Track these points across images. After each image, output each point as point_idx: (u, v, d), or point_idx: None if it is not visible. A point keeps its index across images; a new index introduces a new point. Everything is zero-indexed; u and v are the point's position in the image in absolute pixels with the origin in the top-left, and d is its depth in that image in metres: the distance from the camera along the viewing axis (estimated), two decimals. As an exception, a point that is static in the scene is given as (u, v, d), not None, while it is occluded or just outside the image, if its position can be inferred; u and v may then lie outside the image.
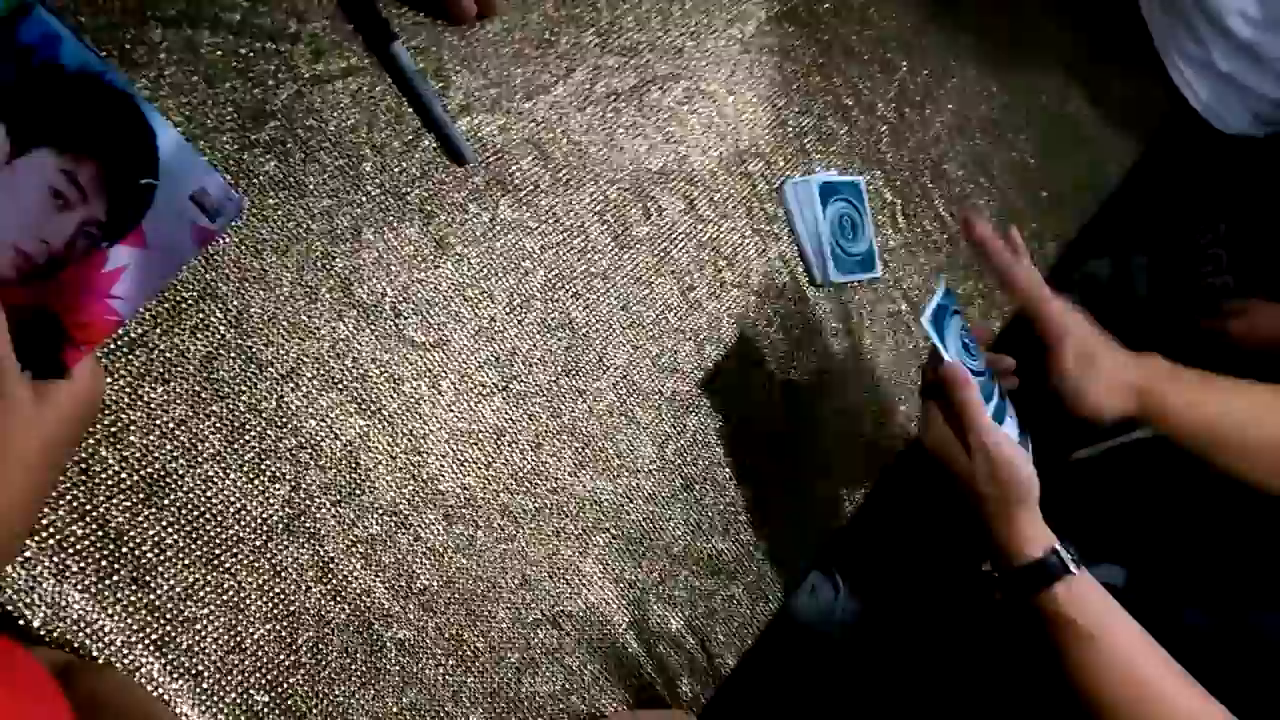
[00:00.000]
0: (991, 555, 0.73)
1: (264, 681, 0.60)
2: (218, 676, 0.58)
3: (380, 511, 0.65)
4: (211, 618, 0.58)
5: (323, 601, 0.62)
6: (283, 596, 0.61)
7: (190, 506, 0.58)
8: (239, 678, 0.59)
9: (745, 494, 0.85)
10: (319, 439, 0.64)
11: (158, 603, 0.57)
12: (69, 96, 0.47)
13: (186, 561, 0.58)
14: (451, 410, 0.70)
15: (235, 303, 0.61)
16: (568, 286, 0.77)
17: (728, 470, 0.85)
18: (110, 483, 0.56)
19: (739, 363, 0.87)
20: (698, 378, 0.84)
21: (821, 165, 0.96)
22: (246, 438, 0.61)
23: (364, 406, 0.66)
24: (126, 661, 0.55)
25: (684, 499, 0.82)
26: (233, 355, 0.61)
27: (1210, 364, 1.34)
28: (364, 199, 0.67)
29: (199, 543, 0.58)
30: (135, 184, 0.48)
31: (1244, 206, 1.37)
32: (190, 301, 0.60)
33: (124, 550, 0.56)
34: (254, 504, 0.60)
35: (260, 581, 0.60)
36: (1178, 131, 1.36)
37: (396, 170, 0.69)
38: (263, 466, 0.61)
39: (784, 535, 0.87)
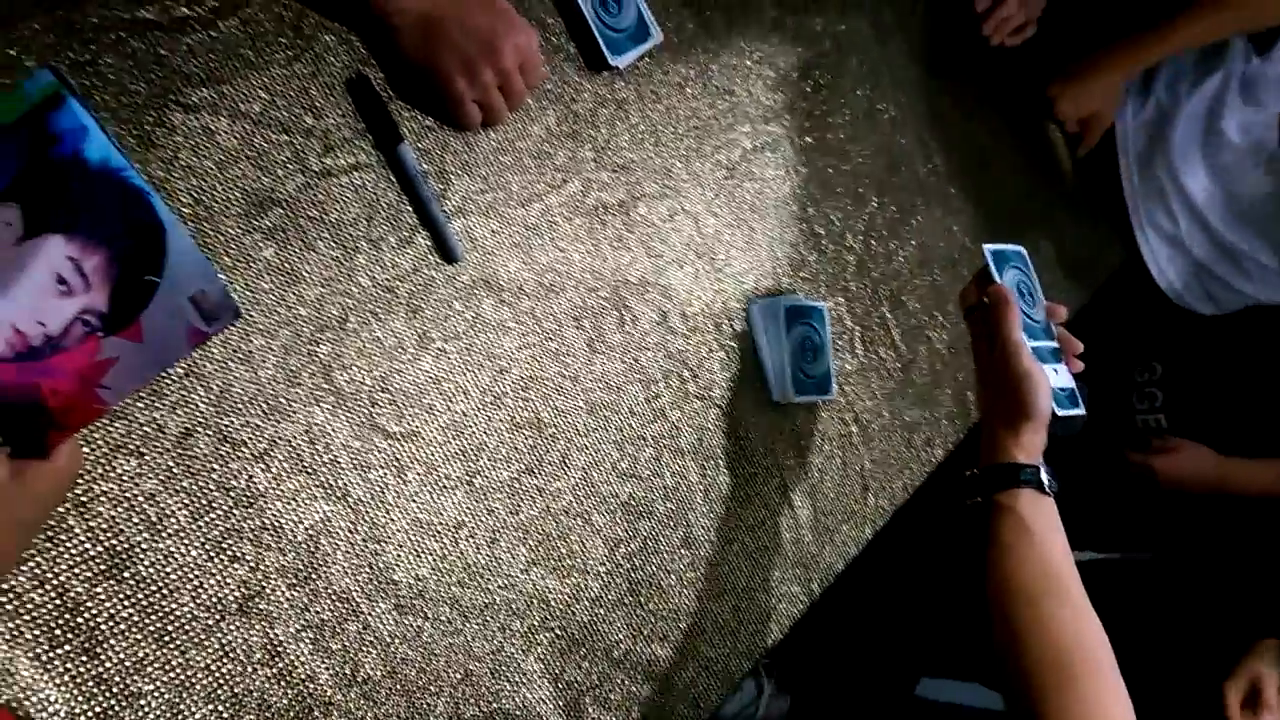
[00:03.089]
0: (981, 456, 0.79)
1: (199, 762, 0.60)
2: (154, 754, 0.58)
3: (333, 597, 0.66)
4: (156, 694, 0.58)
5: (267, 685, 0.62)
6: (229, 677, 0.61)
7: (149, 581, 0.59)
8: (175, 757, 0.59)
9: (688, 602, 0.87)
10: (282, 521, 0.65)
11: (105, 675, 0.57)
12: (87, 188, 0.49)
13: (138, 636, 0.58)
14: (414, 501, 0.71)
15: (218, 381, 0.63)
16: (539, 387, 0.80)
17: (674, 577, 0.87)
18: (74, 552, 0.56)
19: (695, 472, 0.90)
20: (654, 484, 0.86)
21: (789, 289, 1.01)
22: (212, 515, 0.62)
23: (330, 492, 0.67)
24: (65, 734, 0.55)
25: (629, 603, 0.83)
26: (209, 433, 0.62)
27: (1132, 497, 1.43)
28: (355, 290, 0.70)
29: (153, 618, 0.59)
30: (140, 279, 0.50)
31: (1182, 350, 1.45)
32: (174, 378, 0.61)
33: (79, 620, 0.56)
34: (211, 582, 0.61)
35: (208, 661, 0.60)
36: (1125, 278, 1.45)
37: (389, 264, 0.72)
38: (225, 545, 0.62)
39: (722, 645, 0.89)
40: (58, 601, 0.56)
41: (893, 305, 1.12)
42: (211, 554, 0.61)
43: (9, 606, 0.54)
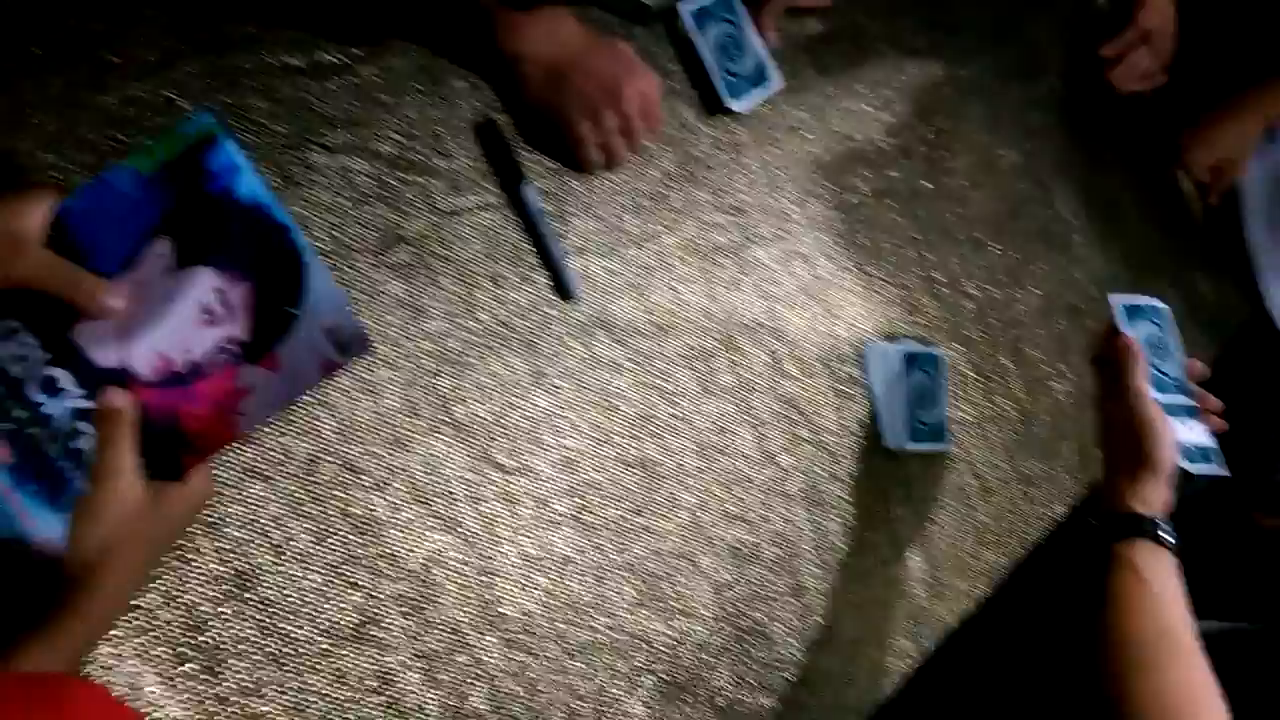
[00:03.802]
0: (1100, 503, 0.77)
1: (311, 785, 0.61)
2: (269, 774, 0.59)
3: (444, 628, 0.67)
4: (272, 716, 0.60)
5: (377, 713, 0.63)
6: (342, 703, 0.62)
7: (271, 603, 0.61)
8: (288, 778, 0.60)
9: (795, 653, 0.85)
10: (398, 550, 0.66)
11: (225, 695, 0.58)
12: (236, 223, 0.51)
13: (258, 657, 0.60)
14: (525, 535, 0.72)
15: (344, 410, 0.65)
16: (649, 426, 0.80)
17: (781, 626, 0.85)
18: (203, 573, 0.58)
19: (804, 519, 0.88)
20: (762, 529, 0.85)
21: (906, 335, 0.99)
22: (333, 541, 0.63)
23: (444, 522, 0.68)
24: (188, 748, 0.57)
25: (735, 650, 0.82)
26: (333, 460, 0.64)
27: (1263, 563, 1.33)
28: (475, 325, 0.71)
29: (272, 640, 0.60)
30: (280, 311, 0.52)
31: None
32: (303, 405, 0.63)
33: (203, 640, 0.58)
34: (329, 607, 0.63)
35: (323, 685, 0.62)
36: (1255, 335, 1.37)
37: (509, 301, 0.73)
38: (343, 571, 0.63)
39: (830, 699, 0.87)
40: (185, 620, 0.58)
41: (1013, 354, 1.08)
42: (330, 579, 0.63)
43: (139, 623, 0.56)
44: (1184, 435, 0.78)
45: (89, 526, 0.47)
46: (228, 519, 0.60)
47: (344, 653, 0.63)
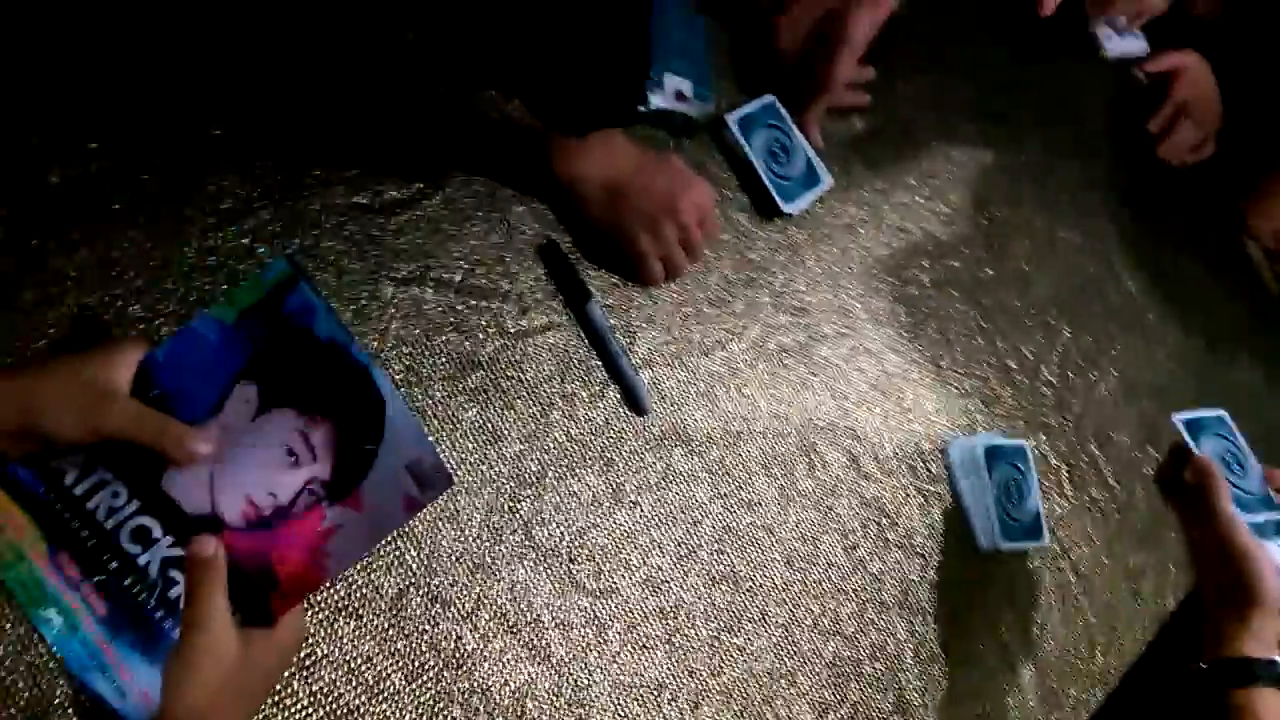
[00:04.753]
0: (1207, 647, 0.71)
1: None
2: None
3: (540, 767, 0.64)
4: None
5: None
6: None
7: (364, 748, 0.58)
8: None
9: (908, 775, 0.79)
10: (490, 683, 0.63)
11: None
12: (316, 364, 0.52)
13: (353, 807, 0.57)
14: (615, 661, 0.69)
15: (428, 542, 0.64)
16: (733, 539, 0.77)
17: (890, 747, 0.80)
18: (298, 717, 0.56)
19: (902, 629, 0.83)
20: (859, 642, 0.81)
21: (985, 427, 0.96)
22: (424, 678, 0.61)
23: (534, 652, 0.66)
24: None
25: (843, 775, 0.77)
26: (420, 593, 0.63)
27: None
28: (551, 445, 0.71)
29: (366, 788, 0.58)
30: (361, 449, 0.52)
31: None
32: (388, 539, 0.62)
33: (298, 790, 0.56)
34: (422, 750, 0.60)
35: (419, 835, 0.58)
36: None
37: (582, 419, 0.73)
38: (436, 709, 0.61)
39: (949, 826, 0.80)
40: (279, 770, 0.56)
41: (1100, 440, 1.04)
42: (425, 718, 0.60)
43: (234, 775, 0.54)
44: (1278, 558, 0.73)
45: (185, 677, 0.46)
46: (320, 660, 0.58)
47: (438, 799, 0.60)
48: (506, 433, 0.69)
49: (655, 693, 0.70)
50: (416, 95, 0.73)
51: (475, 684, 0.63)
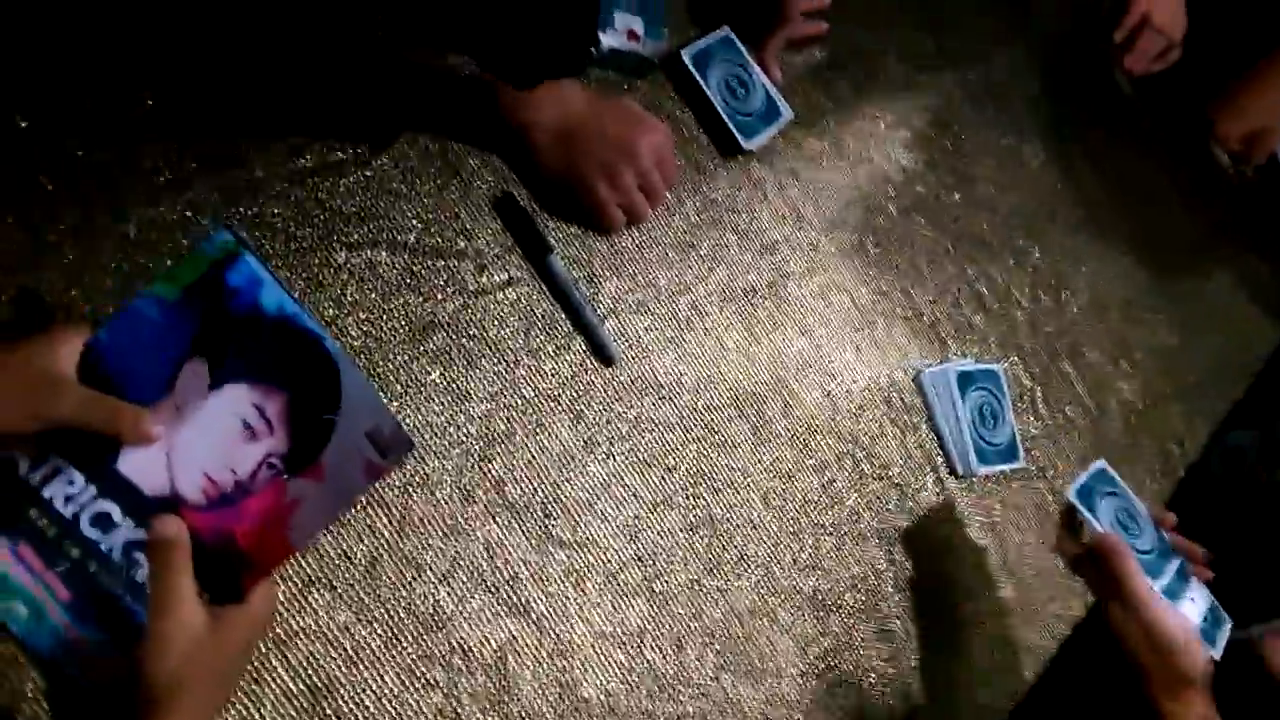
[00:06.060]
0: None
1: None
2: None
3: (527, 718, 0.64)
4: (361, 834, 0.57)
5: (469, 817, 0.61)
6: (430, 812, 0.59)
7: (348, 715, 0.58)
8: None
9: (891, 701, 0.81)
10: (470, 643, 0.64)
11: (311, 817, 0.56)
12: (266, 337, 0.51)
13: (341, 773, 0.58)
14: (596, 610, 0.69)
15: (398, 507, 0.63)
16: (709, 482, 0.77)
17: (873, 675, 0.81)
18: (278, 692, 0.57)
19: (882, 559, 0.84)
20: (839, 575, 0.81)
21: (958, 354, 0.95)
22: (403, 642, 0.61)
23: (513, 608, 0.66)
24: None
25: (827, 705, 0.78)
26: (394, 559, 0.62)
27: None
28: (519, 402, 0.70)
29: (353, 753, 0.58)
30: (318, 419, 0.51)
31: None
32: (358, 507, 0.62)
33: (284, 761, 0.56)
34: (409, 711, 0.60)
35: (410, 795, 0.59)
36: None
37: (549, 373, 0.72)
38: (418, 672, 0.61)
39: (935, 746, 0.82)
40: (264, 742, 0.56)
41: (1073, 358, 1.05)
42: (406, 682, 0.61)
43: (220, 751, 0.55)
44: (1192, 613, 0.71)
45: (156, 659, 0.46)
46: (296, 633, 0.58)
47: (427, 759, 0.60)
48: (472, 392, 0.68)
49: (638, 639, 0.71)
50: (357, 52, 0.70)
51: (456, 644, 0.63)
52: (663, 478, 0.75)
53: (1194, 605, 0.73)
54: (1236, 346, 1.23)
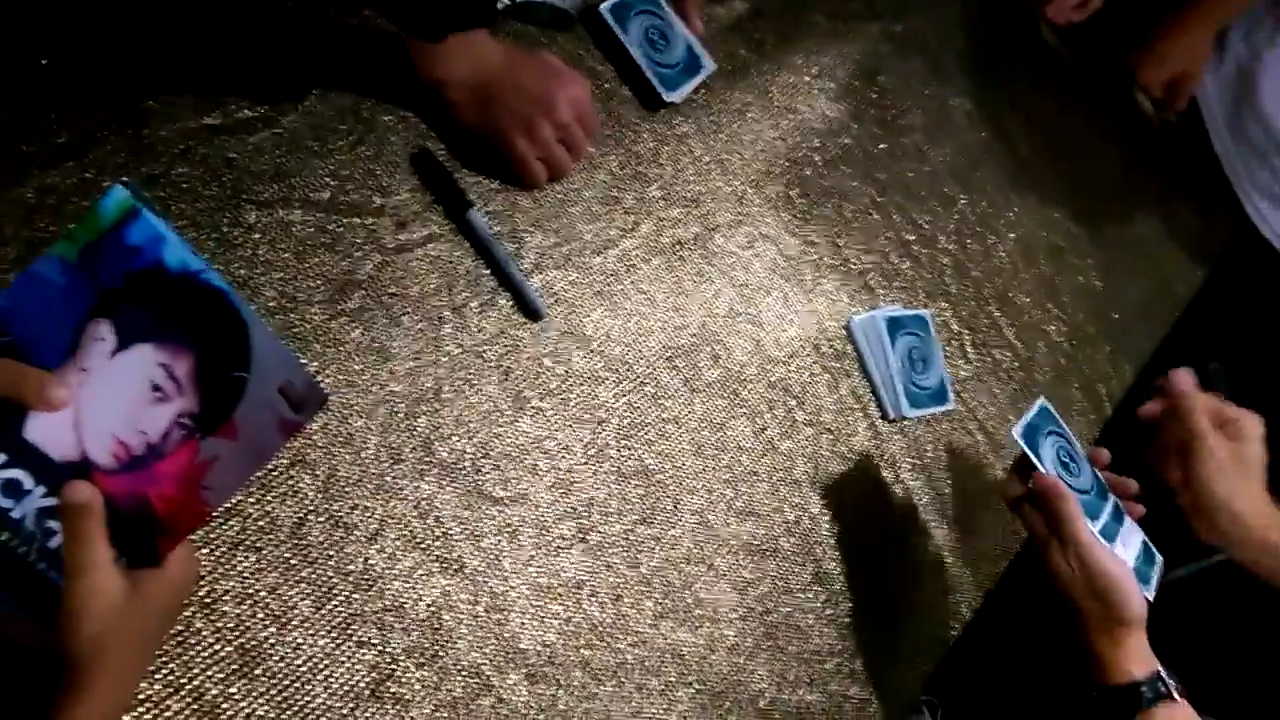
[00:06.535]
0: (1091, 674, 0.71)
1: None
2: None
3: (463, 673, 0.65)
4: (297, 792, 0.57)
5: (407, 771, 0.61)
6: (367, 767, 0.60)
7: (280, 675, 0.58)
8: None
9: (830, 641, 0.83)
10: (403, 600, 0.64)
11: (245, 777, 0.56)
12: (170, 294, 0.50)
13: (274, 733, 0.57)
14: (531, 564, 0.70)
15: (323, 468, 0.63)
16: (641, 434, 0.78)
17: (811, 617, 0.82)
18: (205, 655, 0.56)
19: (816, 503, 0.85)
20: (774, 521, 0.83)
21: (886, 300, 0.97)
22: (334, 602, 0.61)
23: (446, 565, 0.66)
24: (213, 841, 0.54)
25: (768, 648, 0.79)
26: (321, 520, 0.62)
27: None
28: (445, 359, 0.70)
29: (289, 712, 0.58)
30: (228, 377, 0.50)
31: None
32: (281, 469, 0.61)
33: (215, 723, 0.56)
34: (341, 670, 0.60)
35: (346, 751, 0.59)
36: (1247, 252, 1.35)
37: (475, 329, 0.72)
38: (350, 631, 0.61)
39: (872, 683, 0.84)
40: (195, 706, 0.55)
41: (1000, 303, 1.07)
42: (338, 641, 0.61)
43: (149, 716, 0.54)
44: (1124, 554, 0.73)
45: (73, 626, 0.45)
46: (222, 596, 0.58)
47: (363, 714, 0.60)
48: (396, 351, 0.68)
49: (574, 590, 0.71)
50: (264, 5, 0.69)
51: (388, 603, 0.63)
52: (594, 431, 0.75)
53: (1126, 549, 0.75)
54: (1161, 288, 1.26)
